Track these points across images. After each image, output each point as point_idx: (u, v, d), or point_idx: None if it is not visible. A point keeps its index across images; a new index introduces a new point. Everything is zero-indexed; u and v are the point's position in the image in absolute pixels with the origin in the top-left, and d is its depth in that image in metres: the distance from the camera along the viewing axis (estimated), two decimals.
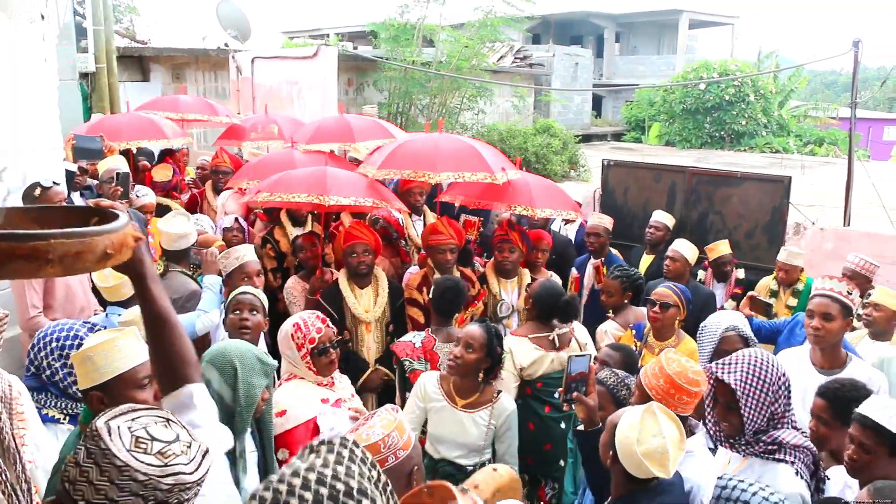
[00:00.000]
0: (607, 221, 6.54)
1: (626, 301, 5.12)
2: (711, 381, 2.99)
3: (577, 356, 3.21)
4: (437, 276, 5.03)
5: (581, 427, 3.14)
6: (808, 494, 2.87)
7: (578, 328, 4.70)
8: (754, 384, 2.88)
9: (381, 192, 5.44)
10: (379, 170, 5.32)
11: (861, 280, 5.38)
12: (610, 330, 4.92)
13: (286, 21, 37.12)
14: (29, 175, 4.73)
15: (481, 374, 3.75)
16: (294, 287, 5.41)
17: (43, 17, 5.13)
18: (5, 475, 2.44)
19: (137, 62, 13.42)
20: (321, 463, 1.15)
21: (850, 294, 3.93)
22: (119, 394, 2.33)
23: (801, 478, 2.86)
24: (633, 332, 4.82)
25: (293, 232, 6.06)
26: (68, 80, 9.62)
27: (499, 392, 3.83)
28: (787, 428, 2.95)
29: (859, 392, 3.06)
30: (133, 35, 15.17)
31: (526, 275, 5.51)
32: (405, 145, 5.60)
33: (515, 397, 4.27)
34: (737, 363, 2.96)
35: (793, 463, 2.86)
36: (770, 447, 2.90)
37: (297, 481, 1.11)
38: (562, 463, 4.28)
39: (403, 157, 5.38)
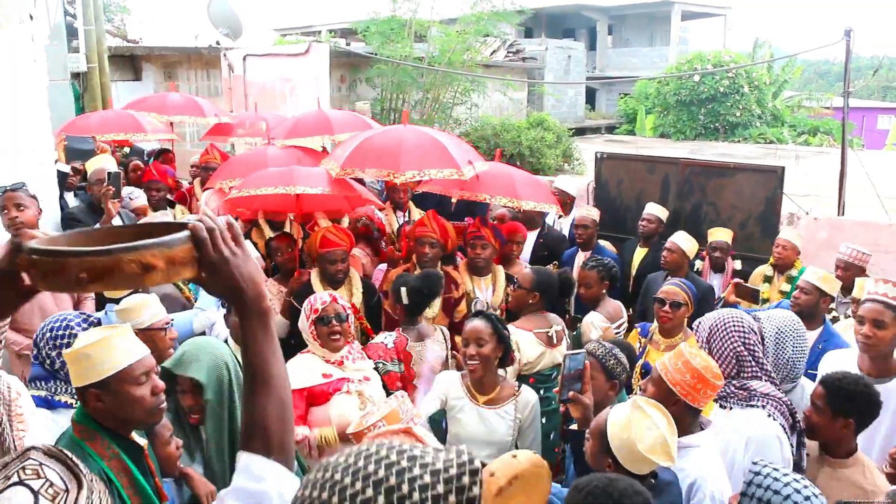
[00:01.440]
0: (595, 213, 6.56)
1: (603, 291, 5.11)
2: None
3: (572, 354, 3.16)
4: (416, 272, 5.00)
5: (574, 426, 3.11)
6: (786, 437, 2.96)
7: (594, 314, 4.81)
8: (700, 326, 3.37)
9: (349, 186, 5.44)
10: (342, 168, 5.18)
11: (854, 270, 5.39)
12: (596, 322, 4.87)
13: (278, 18, 36.92)
14: (18, 173, 4.72)
15: (497, 365, 3.71)
16: (269, 289, 5.33)
17: (32, 17, 5.12)
18: None
19: (129, 61, 13.38)
20: (413, 453, 1.10)
21: None
22: (118, 390, 2.35)
23: (774, 420, 2.97)
24: (639, 329, 4.81)
25: (270, 234, 6.02)
26: (60, 80, 9.60)
27: (520, 385, 3.79)
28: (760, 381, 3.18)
29: (859, 386, 3.03)
30: (124, 34, 15.15)
31: (500, 271, 5.45)
32: (368, 141, 5.44)
33: None
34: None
35: (763, 407, 3.01)
36: (740, 392, 3.13)
37: (381, 452, 1.09)
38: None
39: (367, 154, 5.24)
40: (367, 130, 6.21)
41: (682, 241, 5.92)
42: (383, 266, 5.59)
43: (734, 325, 3.24)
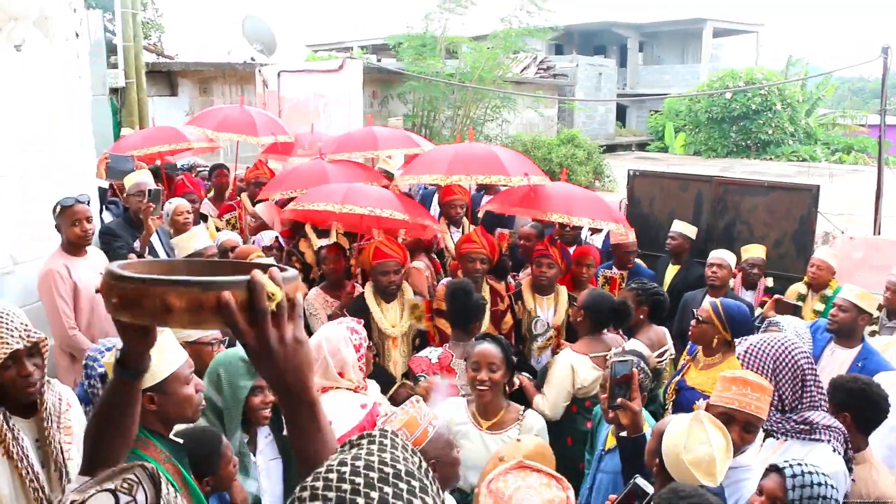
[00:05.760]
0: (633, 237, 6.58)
1: (641, 316, 4.87)
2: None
3: (620, 360, 3.16)
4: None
5: (625, 433, 3.10)
6: (847, 471, 2.97)
7: (634, 342, 4.66)
8: (756, 355, 3.19)
9: (408, 206, 5.46)
10: (401, 178, 5.55)
11: None
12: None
13: (311, 35, 37.35)
14: (64, 188, 4.81)
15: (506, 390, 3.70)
16: (316, 299, 5.37)
17: (77, 35, 5.24)
18: (43, 492, 2.51)
19: (166, 77, 13.60)
20: (366, 452, 1.10)
21: None
22: (173, 391, 2.45)
23: (839, 455, 2.97)
24: (688, 348, 4.76)
25: (318, 243, 6.08)
26: (99, 96, 9.80)
27: (525, 409, 3.74)
28: (818, 411, 3.10)
29: (858, 383, 3.18)
30: (161, 50, 15.38)
31: (563, 292, 5.41)
32: (426, 154, 5.80)
33: (561, 414, 4.30)
34: (751, 340, 3.33)
35: (829, 441, 2.99)
36: (802, 426, 3.06)
37: (346, 469, 1.05)
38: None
39: (421, 165, 5.52)
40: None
41: (728, 256, 5.99)
42: (447, 280, 5.64)
43: (799, 350, 3.17)
